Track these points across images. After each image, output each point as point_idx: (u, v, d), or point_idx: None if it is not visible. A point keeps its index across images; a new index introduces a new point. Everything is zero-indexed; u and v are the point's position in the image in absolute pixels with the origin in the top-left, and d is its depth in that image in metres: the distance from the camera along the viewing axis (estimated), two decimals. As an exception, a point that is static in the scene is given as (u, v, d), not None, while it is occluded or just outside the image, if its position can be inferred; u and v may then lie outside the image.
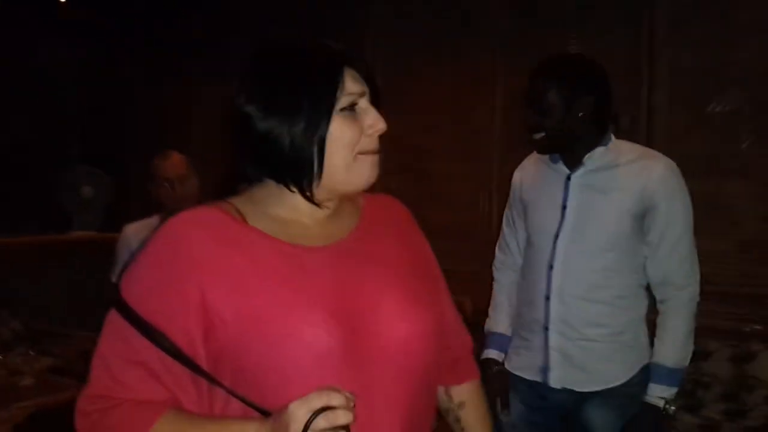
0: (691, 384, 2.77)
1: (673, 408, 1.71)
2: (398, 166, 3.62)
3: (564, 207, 1.79)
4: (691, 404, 2.77)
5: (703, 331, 2.76)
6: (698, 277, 1.76)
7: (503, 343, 1.96)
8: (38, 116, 4.62)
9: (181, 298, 0.87)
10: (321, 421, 0.76)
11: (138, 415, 0.87)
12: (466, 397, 1.17)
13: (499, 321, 1.99)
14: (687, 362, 1.75)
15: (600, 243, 1.74)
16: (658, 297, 1.79)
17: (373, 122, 0.94)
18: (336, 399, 0.78)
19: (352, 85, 0.93)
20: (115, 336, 0.90)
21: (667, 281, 1.75)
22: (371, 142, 0.95)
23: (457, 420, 1.17)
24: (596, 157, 1.77)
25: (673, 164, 1.75)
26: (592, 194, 1.76)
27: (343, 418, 0.77)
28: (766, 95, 2.81)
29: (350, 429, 0.78)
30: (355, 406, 0.79)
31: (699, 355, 2.76)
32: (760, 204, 2.83)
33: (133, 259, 0.93)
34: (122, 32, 4.69)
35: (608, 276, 1.74)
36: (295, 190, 0.94)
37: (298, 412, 0.77)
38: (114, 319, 0.90)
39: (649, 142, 2.77)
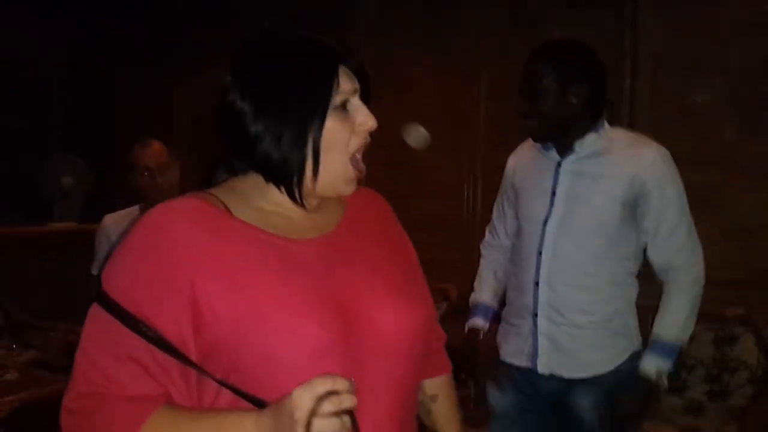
0: (675, 366, 2.81)
1: (665, 381, 1.73)
2: (383, 155, 3.61)
3: (553, 193, 1.79)
4: (676, 386, 2.81)
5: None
6: (701, 259, 1.77)
7: (487, 312, 1.99)
8: (21, 106, 4.54)
9: (170, 289, 0.85)
10: (327, 406, 0.75)
11: (129, 411, 0.84)
12: (438, 390, 1.17)
13: (483, 292, 2.01)
14: (685, 341, 1.76)
15: (589, 229, 1.75)
16: (663, 280, 1.79)
17: (364, 120, 0.94)
18: (340, 384, 0.77)
19: (345, 84, 0.92)
20: (100, 331, 0.87)
21: (669, 266, 1.76)
22: (361, 140, 0.95)
23: (429, 412, 1.17)
24: (588, 143, 1.77)
25: (664, 151, 1.75)
26: (582, 180, 1.77)
27: (348, 401, 0.76)
28: (747, 86, 2.85)
29: (354, 414, 0.78)
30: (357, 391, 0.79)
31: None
32: (740, 192, 2.89)
33: (114, 251, 0.90)
34: (107, 21, 4.61)
35: (597, 263, 1.75)
36: (283, 191, 0.93)
37: (303, 399, 0.75)
38: (97, 314, 0.87)
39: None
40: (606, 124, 1.80)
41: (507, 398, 1.90)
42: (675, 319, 1.75)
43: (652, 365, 1.73)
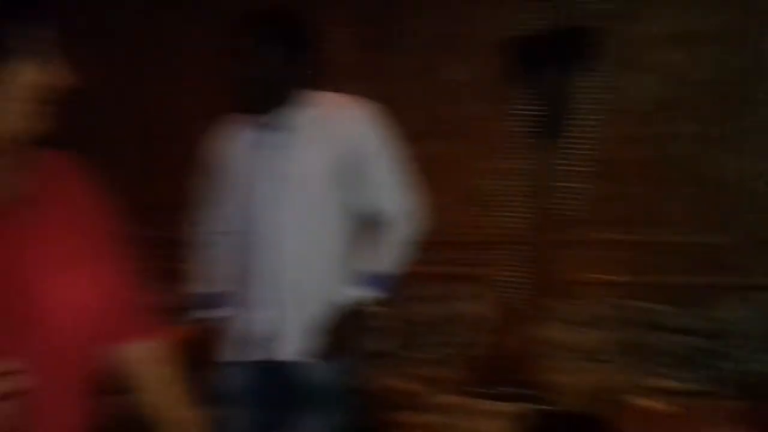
0: (405, 325, 3.05)
1: (371, 308, 1.76)
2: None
3: (264, 173, 1.73)
4: (406, 343, 3.05)
5: (417, 276, 3.00)
6: (419, 206, 1.80)
7: (217, 299, 1.87)
8: None
9: None
10: None
11: None
12: (144, 355, 1.09)
13: (208, 281, 1.89)
14: (391, 274, 1.78)
15: (305, 203, 1.71)
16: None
17: (55, 74, 0.88)
18: (5, 366, 0.74)
19: (38, 31, 0.86)
20: None
21: (393, 216, 1.77)
22: (50, 93, 0.89)
23: (138, 380, 1.08)
24: (292, 115, 1.72)
25: (371, 108, 1.75)
26: (291, 153, 1.72)
27: (14, 383, 0.74)
28: (490, 66, 3.07)
29: (26, 394, 0.75)
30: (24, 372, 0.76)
31: (414, 299, 3.03)
32: (477, 162, 3.13)
33: None
34: None
35: (317, 238, 1.73)
36: None
37: None
38: None
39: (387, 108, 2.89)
40: (311, 92, 1.75)
41: (237, 388, 1.82)
42: (385, 253, 1.78)
43: (357, 295, 1.74)
